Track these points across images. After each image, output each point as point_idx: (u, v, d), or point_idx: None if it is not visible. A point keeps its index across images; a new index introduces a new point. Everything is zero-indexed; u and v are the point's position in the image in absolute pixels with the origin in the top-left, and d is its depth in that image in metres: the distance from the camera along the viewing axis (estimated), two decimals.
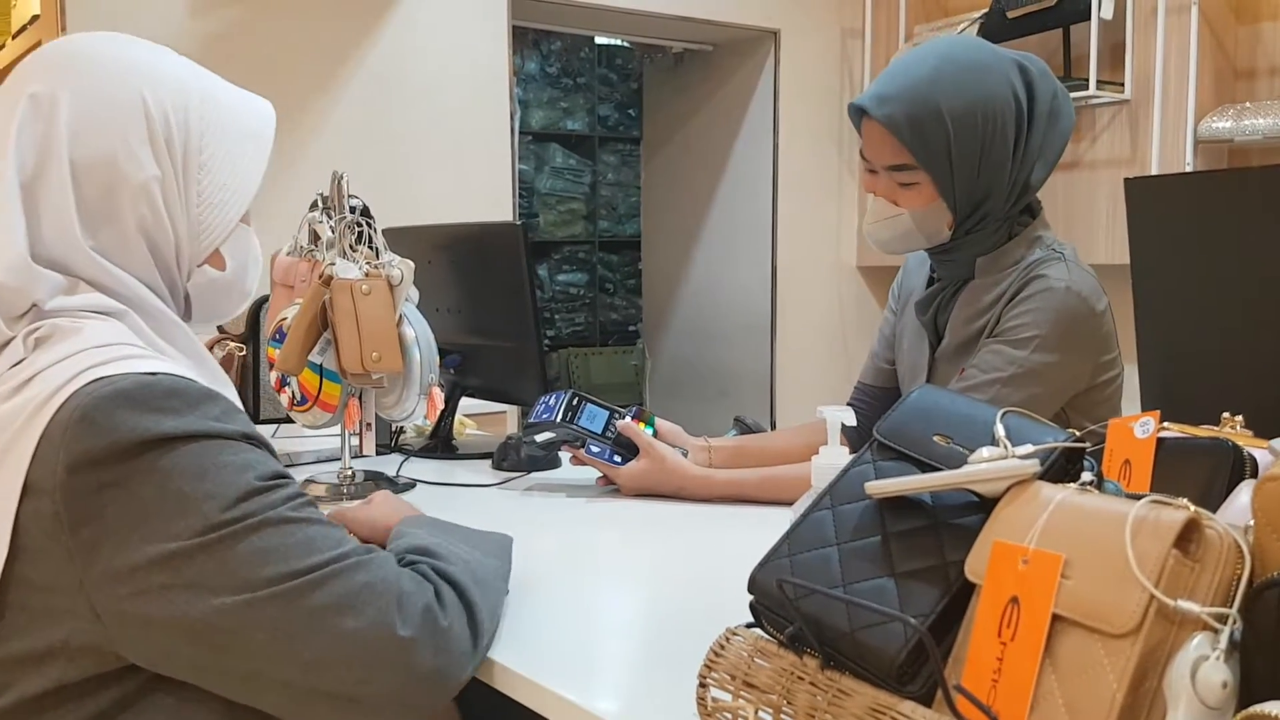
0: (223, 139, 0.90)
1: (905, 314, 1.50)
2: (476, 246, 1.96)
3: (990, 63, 1.30)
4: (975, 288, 1.37)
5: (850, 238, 3.51)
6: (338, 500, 1.53)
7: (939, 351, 1.40)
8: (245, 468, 0.75)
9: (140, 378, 0.75)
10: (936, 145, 1.28)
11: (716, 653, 0.64)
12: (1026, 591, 0.51)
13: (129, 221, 0.84)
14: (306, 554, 0.74)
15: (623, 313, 5.45)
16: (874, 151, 1.34)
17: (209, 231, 0.90)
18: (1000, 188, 1.31)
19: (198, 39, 2.38)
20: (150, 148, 0.85)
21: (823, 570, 0.58)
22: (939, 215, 1.34)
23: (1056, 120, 1.33)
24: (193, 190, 0.88)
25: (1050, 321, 1.28)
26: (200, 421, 0.75)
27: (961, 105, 1.27)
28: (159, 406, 0.74)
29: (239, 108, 0.94)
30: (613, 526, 1.42)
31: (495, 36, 2.77)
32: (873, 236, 1.41)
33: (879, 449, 0.63)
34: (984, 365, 1.30)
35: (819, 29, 3.38)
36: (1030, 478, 0.55)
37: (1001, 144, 1.29)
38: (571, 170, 5.28)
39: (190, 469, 0.73)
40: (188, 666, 0.74)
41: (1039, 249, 1.34)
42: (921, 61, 1.31)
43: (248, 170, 0.92)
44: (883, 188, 1.36)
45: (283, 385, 1.52)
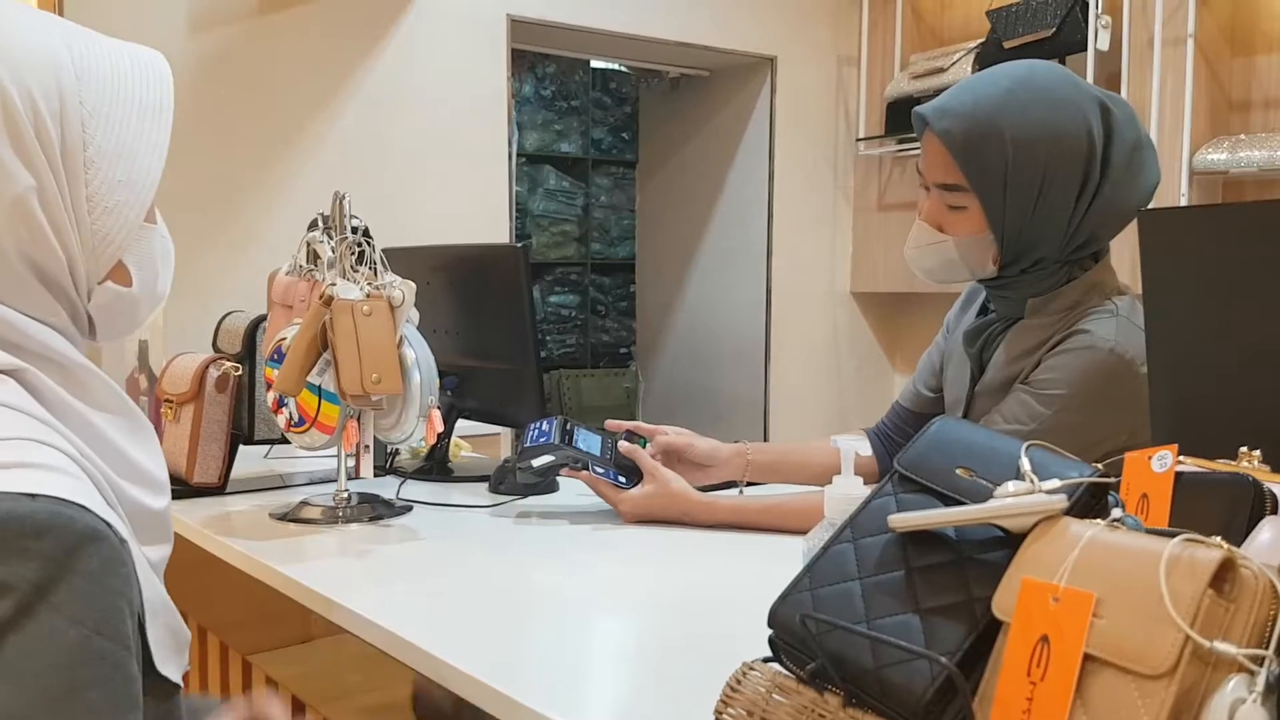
0: (111, 123, 0.71)
1: (954, 341, 1.44)
2: (476, 268, 1.95)
3: (1069, 95, 1.21)
4: (1023, 328, 1.30)
5: (844, 264, 3.52)
6: (333, 524, 1.51)
7: (979, 385, 1.35)
8: (71, 699, 0.59)
9: (14, 503, 0.60)
10: (992, 170, 1.20)
11: (733, 687, 0.63)
12: (1057, 630, 0.50)
13: (7, 248, 0.68)
14: None
15: (614, 335, 5.44)
16: (928, 166, 1.28)
17: (107, 242, 0.72)
18: (1056, 234, 1.23)
19: (196, 57, 2.37)
20: (18, 152, 0.67)
21: (845, 605, 0.57)
22: (984, 248, 1.27)
23: (1135, 176, 1.23)
24: (80, 195, 0.70)
25: (1081, 381, 1.21)
26: (67, 582, 0.60)
27: (1026, 133, 1.18)
28: (25, 549, 0.59)
29: (128, 76, 0.73)
30: (615, 553, 1.41)
31: (494, 59, 2.78)
32: (915, 263, 1.33)
33: (900, 481, 0.63)
34: (1007, 414, 1.26)
35: (815, 56, 3.40)
36: (1058, 513, 0.54)
37: (1064, 184, 1.20)
38: (564, 192, 5.29)
39: (13, 663, 0.57)
40: None
41: (1094, 297, 1.26)
42: (994, 81, 1.23)
43: (146, 157, 0.74)
44: (930, 210, 1.29)
45: (280, 406, 1.50)
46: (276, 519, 1.54)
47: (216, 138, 2.40)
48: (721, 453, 1.56)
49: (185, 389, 1.69)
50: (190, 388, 1.68)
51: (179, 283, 2.42)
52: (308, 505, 1.57)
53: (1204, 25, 2.76)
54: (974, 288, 1.48)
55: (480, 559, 1.38)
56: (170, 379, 1.75)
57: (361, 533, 1.49)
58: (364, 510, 1.55)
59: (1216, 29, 2.80)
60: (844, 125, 3.48)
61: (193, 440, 1.67)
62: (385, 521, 1.54)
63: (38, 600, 0.58)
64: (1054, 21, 2.86)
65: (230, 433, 1.71)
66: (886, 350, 3.63)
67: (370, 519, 1.54)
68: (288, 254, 1.63)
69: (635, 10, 3.06)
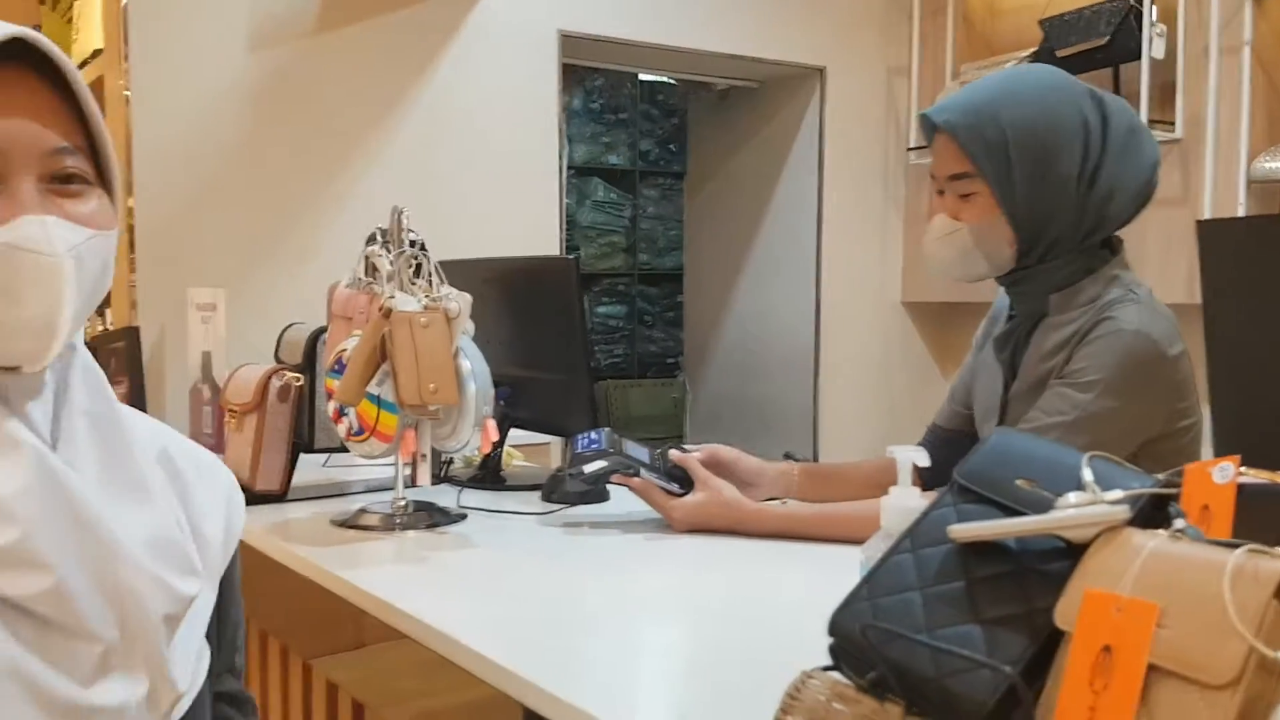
0: None
1: (983, 353, 1.48)
2: (528, 280, 1.98)
3: (1060, 84, 1.30)
4: (1048, 326, 1.34)
5: (895, 274, 3.50)
6: (391, 531, 1.55)
7: (1012, 391, 1.38)
8: None
9: None
10: (995, 151, 1.27)
11: (793, 695, 0.64)
12: (1120, 640, 0.50)
13: None
14: None
15: (661, 345, 5.46)
16: (937, 162, 1.34)
17: None
18: (1066, 211, 1.29)
19: (256, 75, 2.43)
20: None
21: (905, 615, 0.58)
22: (999, 231, 1.31)
23: (1134, 154, 1.30)
24: None
25: (1116, 365, 1.25)
26: None
27: (1022, 117, 1.27)
28: None
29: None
30: (667, 561, 1.42)
31: (546, 75, 2.81)
32: (933, 259, 1.38)
33: (960, 492, 0.63)
34: (1047, 408, 1.28)
35: (865, 67, 3.39)
36: (1120, 524, 0.55)
37: (1067, 162, 1.27)
38: (612, 204, 5.32)
39: None
40: None
41: (1115, 288, 1.31)
42: (988, 81, 1.34)
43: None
44: (947, 204, 1.34)
45: (340, 416, 1.54)
46: (337, 525, 1.58)
47: (275, 154, 2.46)
48: (768, 472, 1.58)
49: (249, 399, 1.73)
50: (253, 398, 1.72)
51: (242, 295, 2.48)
52: (366, 513, 1.60)
53: (1261, 32, 2.72)
54: (1000, 304, 1.50)
55: (535, 566, 1.40)
56: (234, 389, 1.79)
57: (418, 539, 1.52)
58: (420, 518, 1.58)
59: (1274, 36, 2.76)
60: (894, 135, 3.47)
61: (256, 449, 1.71)
62: (441, 529, 1.57)
63: None
64: (1107, 30, 2.83)
65: (292, 441, 1.74)
66: (938, 360, 3.61)
67: (427, 526, 1.57)
68: (345, 267, 1.67)
69: (685, 23, 3.08)
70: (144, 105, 2.30)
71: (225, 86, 2.40)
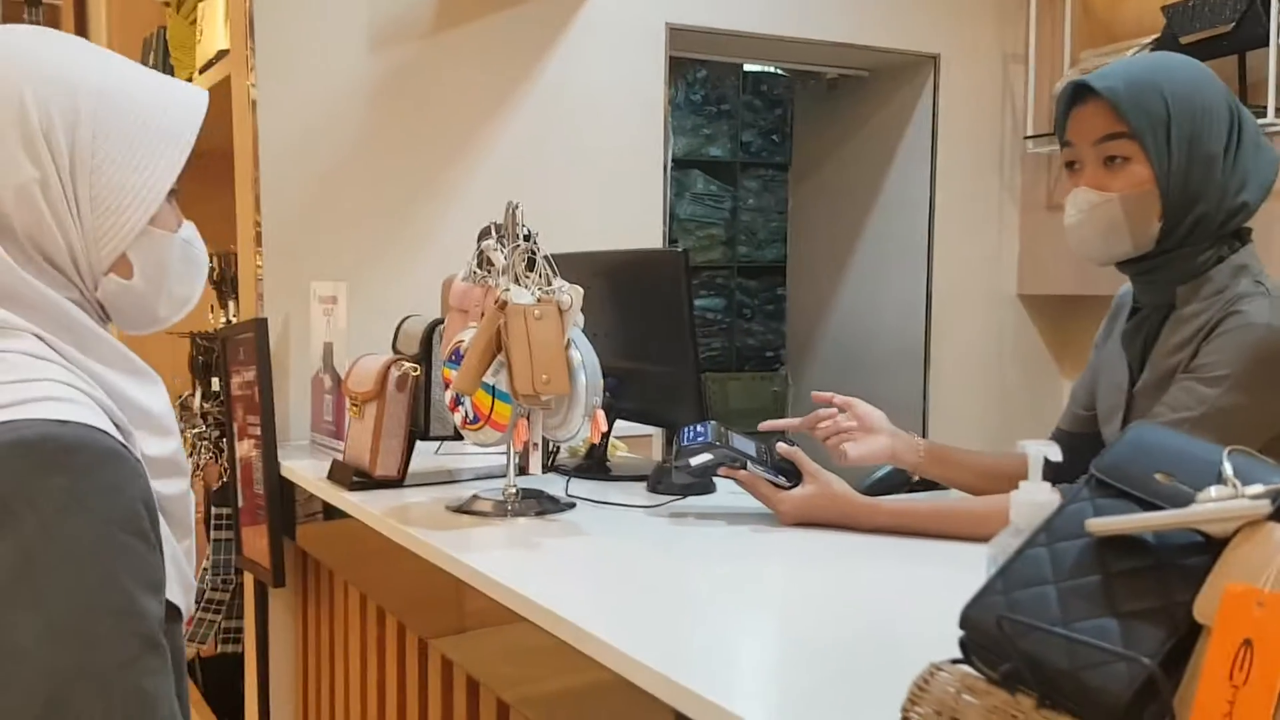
0: (122, 138, 0.83)
1: (1105, 351, 1.46)
2: (637, 273, 2.00)
3: (1206, 71, 1.33)
4: (1178, 319, 1.32)
5: (1011, 265, 3.41)
6: (503, 517, 1.59)
7: (1138, 386, 1.35)
8: (110, 581, 0.70)
9: (46, 427, 0.72)
10: (1155, 115, 1.27)
11: (921, 687, 0.64)
12: (1261, 635, 0.49)
13: (16, 228, 0.80)
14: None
15: (760, 339, 5.43)
16: (1086, 127, 1.32)
17: (108, 237, 0.83)
18: (1213, 188, 1.28)
19: (375, 74, 2.51)
20: (27, 148, 0.79)
21: (1040, 608, 0.58)
22: (1149, 204, 1.29)
23: (1261, 149, 1.31)
24: (84, 194, 0.82)
25: (1245, 360, 1.22)
26: (94, 490, 0.71)
27: (1181, 90, 1.28)
28: (55, 464, 0.71)
29: (150, 104, 0.85)
30: (777, 553, 1.42)
31: (653, 68, 2.83)
32: (1074, 234, 1.35)
33: (1096, 486, 0.63)
34: (1173, 403, 1.25)
35: (980, 53, 3.31)
36: (1262, 519, 0.53)
37: (1216, 138, 1.28)
38: (712, 196, 5.32)
39: (57, 555, 0.69)
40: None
41: (1244, 280, 1.29)
42: (1140, 57, 1.39)
43: (153, 171, 0.85)
44: (1090, 174, 1.32)
45: (457, 404, 1.58)
46: (452, 510, 1.63)
47: (393, 151, 2.53)
48: (888, 429, 1.61)
49: (369, 388, 1.80)
50: (373, 387, 1.79)
51: (361, 288, 2.55)
52: (479, 499, 1.64)
53: None
54: (1120, 301, 1.48)
55: (643, 555, 1.43)
56: (355, 379, 1.86)
57: (529, 526, 1.56)
58: (531, 505, 1.62)
59: None
60: (1010, 123, 3.38)
61: (375, 436, 1.78)
62: (551, 516, 1.61)
63: (73, 503, 0.70)
64: (1233, 16, 2.72)
65: (409, 429, 1.80)
66: (1055, 355, 3.50)
67: (537, 513, 1.61)
68: (459, 261, 1.71)
69: (794, 13, 3.05)
70: (269, 106, 2.39)
71: (346, 86, 2.48)
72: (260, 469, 2.17)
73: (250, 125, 2.38)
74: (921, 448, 1.60)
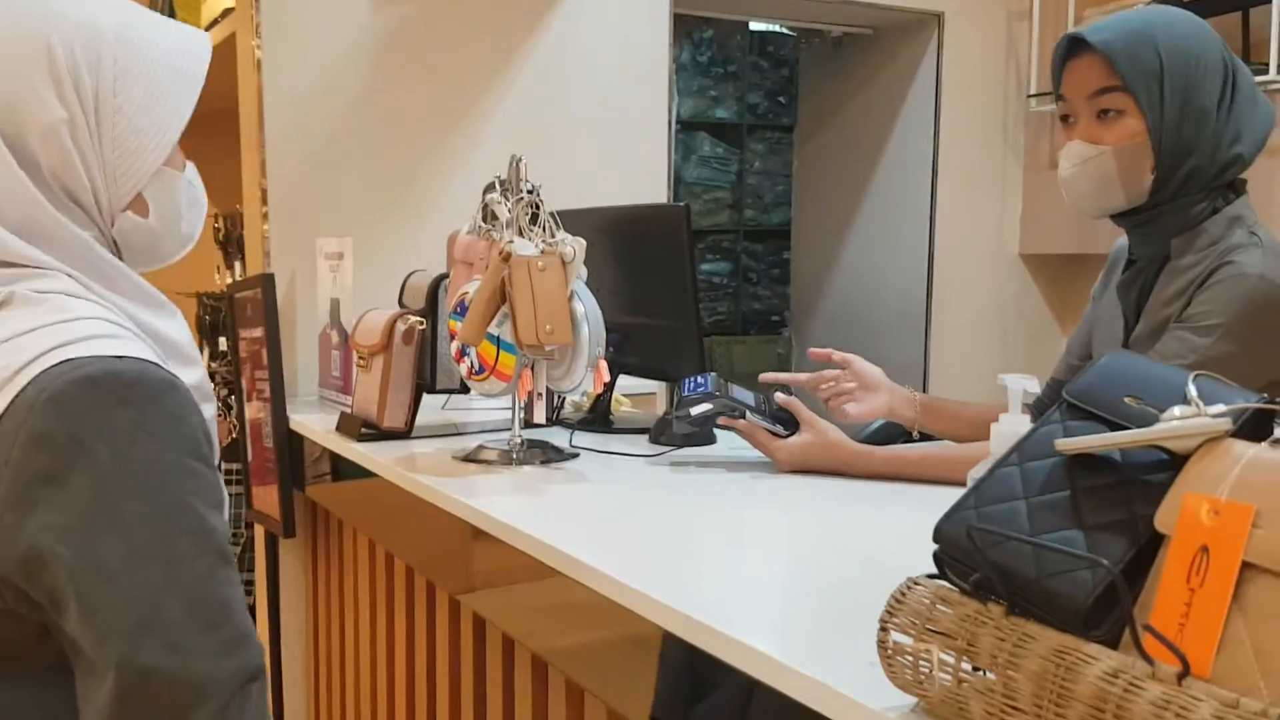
0: (141, 80, 0.85)
1: (1102, 301, 1.48)
2: (639, 229, 2.02)
3: (1202, 24, 1.34)
4: (1172, 270, 1.34)
5: (1013, 225, 3.42)
6: (508, 465, 1.63)
7: (1133, 336, 1.37)
8: (182, 503, 0.75)
9: (106, 363, 0.75)
10: (1148, 68, 1.28)
11: (898, 600, 0.68)
12: (1216, 540, 0.52)
13: (43, 167, 0.82)
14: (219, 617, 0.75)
15: (766, 303, 5.44)
16: (1080, 80, 1.33)
17: (128, 175, 0.86)
18: (1205, 141, 1.29)
19: (380, 32, 2.52)
20: (55, 89, 0.81)
21: (1010, 522, 0.61)
22: (1142, 156, 1.30)
23: (1256, 103, 1.33)
24: (106, 134, 0.84)
25: (1236, 310, 1.24)
26: (158, 420, 0.75)
27: (1174, 43, 1.29)
28: (119, 398, 0.74)
29: (164, 47, 0.88)
30: (774, 498, 1.46)
31: (657, 26, 2.83)
32: (1068, 186, 1.37)
33: (1069, 410, 0.65)
34: (1165, 351, 1.28)
35: (984, 11, 3.31)
36: (1222, 435, 0.56)
37: (1209, 93, 1.29)
38: (718, 159, 5.30)
39: (131, 483, 0.73)
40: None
41: (1238, 231, 1.30)
42: (1136, 12, 1.36)
43: (170, 113, 0.88)
44: (1084, 126, 1.33)
45: (462, 355, 1.62)
46: (458, 459, 1.66)
47: (397, 109, 2.55)
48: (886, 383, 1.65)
49: (376, 341, 1.83)
50: (380, 340, 1.82)
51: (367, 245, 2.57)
52: (485, 449, 1.68)
53: None
54: (1116, 255, 1.49)
55: (645, 500, 1.46)
56: (362, 332, 1.89)
57: (534, 473, 1.60)
58: (535, 454, 1.66)
59: None
60: (1014, 82, 3.37)
61: (383, 388, 1.81)
62: (555, 465, 1.64)
63: (140, 434, 0.74)
64: None
65: (415, 382, 1.84)
66: (1056, 315, 3.52)
67: (541, 462, 1.65)
68: (463, 217, 1.74)
69: None
70: (274, 64, 2.41)
71: (350, 44, 2.49)
72: (269, 425, 2.21)
73: (255, 84, 2.40)
74: (918, 401, 1.64)
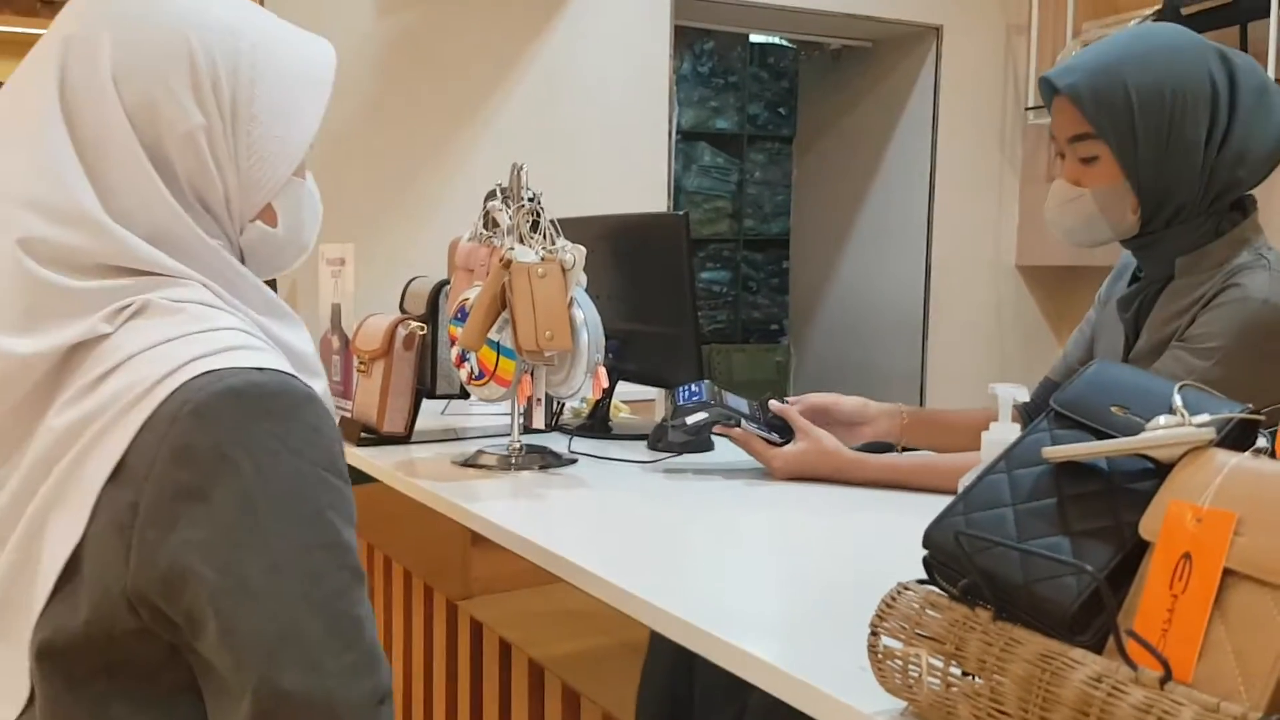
0: (275, 86, 0.84)
1: (1105, 313, 1.47)
2: (638, 236, 2.03)
3: (1185, 45, 1.27)
4: (1176, 289, 1.31)
5: (1010, 236, 3.44)
6: (507, 470, 1.64)
7: (1134, 352, 1.36)
8: (320, 518, 0.74)
9: (250, 375, 0.74)
10: (1119, 116, 1.25)
11: (888, 604, 0.69)
12: (1199, 547, 0.54)
13: (179, 174, 0.80)
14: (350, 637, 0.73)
15: (765, 311, 5.46)
16: (1058, 124, 1.32)
17: (260, 185, 0.84)
18: (1191, 176, 1.26)
19: (384, 38, 2.54)
20: (195, 96, 0.79)
21: (998, 528, 0.62)
22: (1122, 197, 1.29)
23: (1265, 115, 1.26)
24: (242, 142, 0.82)
25: (1237, 334, 1.22)
26: (298, 432, 0.74)
27: (1148, 80, 1.24)
28: (263, 410, 0.73)
29: (296, 54, 0.87)
30: (769, 505, 1.47)
31: (658, 37, 2.85)
32: (1055, 225, 1.37)
33: (1056, 419, 0.67)
34: (1163, 370, 1.26)
35: (983, 25, 3.33)
36: (1206, 444, 0.57)
37: (1193, 127, 1.24)
38: (719, 169, 5.33)
39: (273, 498, 0.72)
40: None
41: (1245, 253, 1.27)
42: (1113, 41, 1.30)
43: (303, 120, 0.86)
44: (1067, 168, 1.33)
45: (463, 360, 1.63)
46: (457, 465, 1.67)
47: (400, 115, 2.57)
48: (870, 409, 1.60)
49: (376, 346, 1.84)
50: (381, 345, 1.83)
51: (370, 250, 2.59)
52: (484, 453, 1.69)
53: None
54: (1125, 261, 1.48)
55: (642, 505, 1.47)
56: (363, 337, 1.90)
57: (532, 479, 1.61)
58: (534, 459, 1.67)
59: None
60: (1012, 95, 3.40)
61: (383, 393, 1.82)
62: (553, 470, 1.65)
63: (282, 447, 0.73)
64: None
65: (415, 387, 1.85)
66: (1053, 326, 3.54)
67: (540, 467, 1.66)
68: (463, 224, 1.75)
69: None
70: None
71: (354, 51, 2.51)
72: None
73: None
74: (905, 414, 1.61)
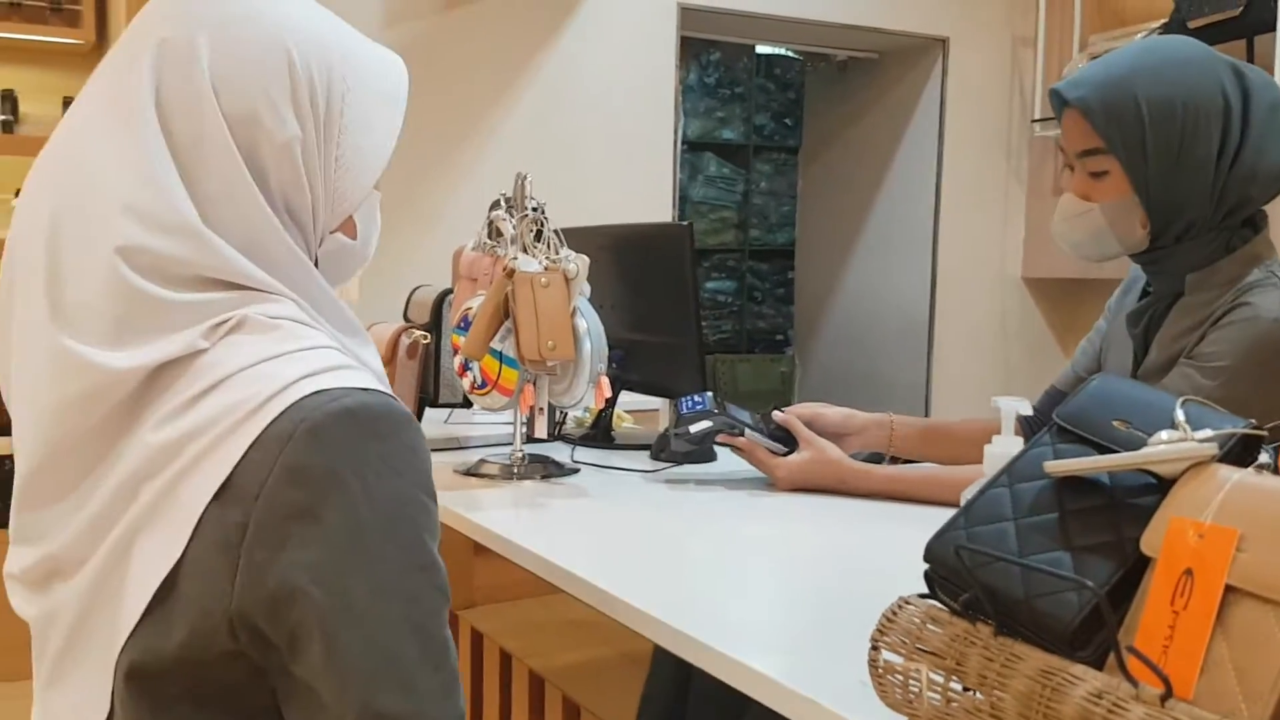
0: (362, 99, 0.84)
1: (1115, 326, 1.45)
2: (642, 246, 2.04)
3: (1198, 59, 1.25)
4: (1185, 305, 1.30)
5: (1015, 249, 3.44)
6: (509, 479, 1.63)
7: (1143, 368, 1.35)
8: (417, 539, 0.74)
9: (359, 396, 0.73)
10: (1130, 131, 1.23)
11: (889, 619, 0.69)
12: (1201, 564, 0.53)
13: (273, 185, 0.78)
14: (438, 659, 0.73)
15: (770, 321, 5.46)
16: (1067, 138, 1.31)
17: (345, 197, 0.84)
18: (1202, 193, 1.24)
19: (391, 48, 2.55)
20: (293, 106, 0.78)
21: (999, 543, 0.62)
22: (1131, 212, 1.28)
23: (1278, 132, 1.24)
24: (332, 154, 0.82)
25: (1246, 353, 1.20)
26: (400, 454, 0.74)
27: (1159, 94, 1.22)
28: (371, 431, 0.72)
29: (376, 68, 0.87)
30: (773, 515, 1.47)
31: (664, 48, 2.86)
32: (1063, 239, 1.35)
33: (1059, 433, 0.66)
34: (1172, 388, 1.24)
35: (989, 37, 3.34)
36: (1208, 460, 0.57)
37: (1205, 143, 1.23)
38: (725, 179, 5.34)
39: (379, 519, 0.72)
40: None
41: (1256, 270, 1.26)
42: (1124, 54, 1.28)
43: (384, 132, 0.86)
44: (1076, 182, 1.31)
45: (465, 369, 1.63)
46: (459, 473, 1.67)
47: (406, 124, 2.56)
48: (856, 420, 1.59)
49: (380, 355, 1.84)
50: (385, 353, 1.83)
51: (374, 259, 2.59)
52: (486, 463, 1.69)
53: None
54: (1135, 274, 1.47)
55: (644, 515, 1.47)
56: None
57: (534, 488, 1.61)
58: (536, 468, 1.67)
59: None
60: (1019, 107, 3.40)
61: None
62: (556, 480, 1.65)
63: (386, 469, 0.73)
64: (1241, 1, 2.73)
65: (418, 396, 1.85)
66: (1059, 338, 3.53)
67: (542, 476, 1.65)
68: (467, 233, 1.76)
69: None
70: None
71: None
72: None
73: None
74: (894, 424, 1.59)
